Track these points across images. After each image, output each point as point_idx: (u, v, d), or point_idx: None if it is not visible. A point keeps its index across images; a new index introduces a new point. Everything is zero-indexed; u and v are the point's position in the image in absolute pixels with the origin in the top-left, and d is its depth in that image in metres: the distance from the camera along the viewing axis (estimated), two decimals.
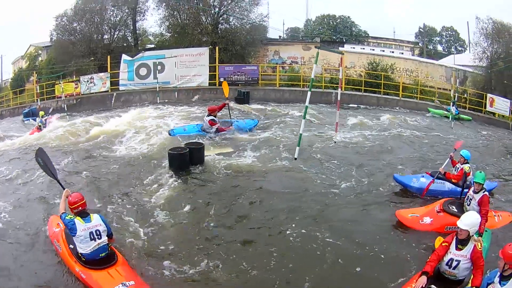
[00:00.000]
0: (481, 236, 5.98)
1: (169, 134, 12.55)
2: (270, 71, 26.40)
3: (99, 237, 5.21)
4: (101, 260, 5.16)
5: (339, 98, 12.43)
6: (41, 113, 16.84)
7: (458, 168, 8.43)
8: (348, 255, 6.02)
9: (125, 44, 27.63)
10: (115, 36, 27.46)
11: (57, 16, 25.98)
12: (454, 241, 4.86)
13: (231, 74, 22.61)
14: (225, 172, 9.18)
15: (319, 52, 11.38)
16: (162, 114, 16.34)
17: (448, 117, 18.89)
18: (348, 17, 47.02)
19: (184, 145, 9.71)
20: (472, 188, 6.76)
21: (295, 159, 9.54)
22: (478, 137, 16.66)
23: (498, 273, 4.48)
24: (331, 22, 46.78)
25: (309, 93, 9.54)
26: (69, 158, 10.37)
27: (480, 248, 4.86)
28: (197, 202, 7.61)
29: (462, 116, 21.53)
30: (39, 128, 15.56)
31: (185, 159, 9.10)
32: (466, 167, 8.13)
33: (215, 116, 12.52)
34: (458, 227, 4.74)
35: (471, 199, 6.72)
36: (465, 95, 26.27)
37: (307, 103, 9.60)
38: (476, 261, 4.71)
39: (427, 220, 6.81)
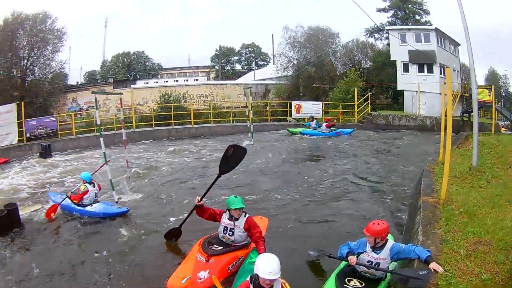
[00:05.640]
0: None
1: (301, 134, 23.10)
2: (70, 120, 26.42)
3: None
4: None
5: (124, 137, 13.99)
6: None
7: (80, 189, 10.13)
8: None
9: None
10: None
11: None
12: None
13: (34, 128, 22.91)
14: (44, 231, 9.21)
15: (108, 95, 13.07)
16: None
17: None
18: (143, 51, 50.53)
19: (3, 207, 9.39)
20: (225, 217, 6.74)
21: (117, 202, 10.26)
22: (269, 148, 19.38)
23: (369, 245, 5.24)
24: (125, 60, 49.36)
25: (101, 139, 10.37)
26: None
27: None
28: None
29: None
30: None
31: (6, 221, 9.00)
32: (81, 187, 10.05)
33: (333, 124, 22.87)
34: (260, 278, 4.33)
35: (232, 229, 6.62)
36: (267, 108, 29.62)
37: (103, 149, 10.40)
38: None
39: (204, 274, 6.14)
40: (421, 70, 28.87)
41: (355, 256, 5.27)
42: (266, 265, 4.29)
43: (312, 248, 6.52)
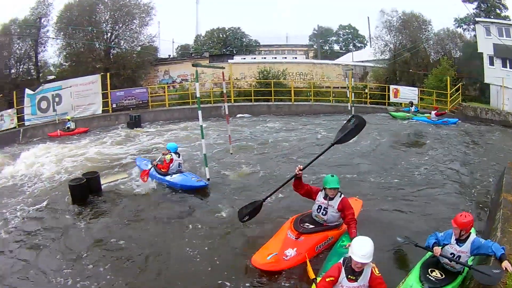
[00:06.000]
0: None
1: (411, 119, 21.81)
2: (161, 92, 27.65)
3: None
4: None
5: (226, 112, 13.35)
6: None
7: (166, 159, 10.40)
8: None
9: (29, 78, 27.93)
10: (20, 69, 27.78)
11: None
12: (343, 273, 4.38)
13: (122, 99, 23.62)
14: (126, 201, 9.20)
15: (203, 69, 12.66)
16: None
17: (405, 119, 21.93)
18: (238, 28, 49.86)
19: (82, 175, 9.69)
20: (320, 195, 6.63)
21: (208, 179, 9.91)
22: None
23: (454, 237, 5.14)
24: (220, 35, 49.24)
25: (199, 112, 9.97)
26: None
27: (378, 273, 4.39)
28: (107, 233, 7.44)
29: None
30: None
31: (84, 189, 9.11)
32: (167, 156, 10.25)
33: (442, 113, 21.54)
34: (353, 260, 4.27)
35: (325, 208, 6.54)
36: (366, 90, 28.50)
37: (200, 123, 10.11)
38: None
39: (291, 252, 6.03)
40: (504, 65, 26.38)
41: (440, 247, 5.21)
42: (361, 247, 4.27)
43: (400, 235, 6.15)
